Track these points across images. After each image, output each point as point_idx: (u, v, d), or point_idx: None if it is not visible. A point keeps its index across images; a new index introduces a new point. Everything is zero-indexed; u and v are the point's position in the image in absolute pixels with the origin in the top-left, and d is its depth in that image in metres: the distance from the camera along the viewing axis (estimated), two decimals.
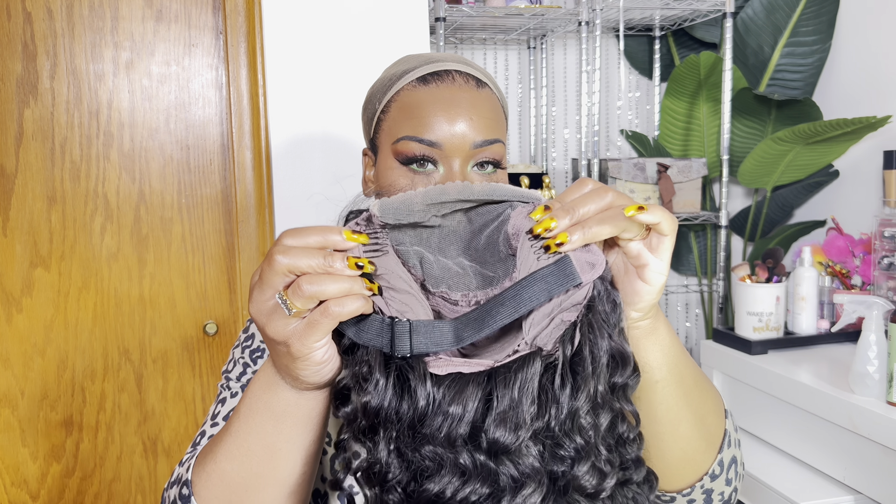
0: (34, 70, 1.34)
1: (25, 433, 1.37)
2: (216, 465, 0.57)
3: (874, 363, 1.32)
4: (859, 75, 2.03)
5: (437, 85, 0.71)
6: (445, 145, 0.69)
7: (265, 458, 0.56)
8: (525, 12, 1.95)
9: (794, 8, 2.11)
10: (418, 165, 0.70)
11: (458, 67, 0.73)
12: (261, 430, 0.55)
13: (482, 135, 0.70)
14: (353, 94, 1.43)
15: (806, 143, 2.00)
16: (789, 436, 1.52)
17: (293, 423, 0.55)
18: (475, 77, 0.73)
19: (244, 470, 0.56)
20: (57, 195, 1.36)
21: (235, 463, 0.56)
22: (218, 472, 0.57)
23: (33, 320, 1.36)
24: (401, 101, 0.72)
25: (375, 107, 0.75)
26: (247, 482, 0.56)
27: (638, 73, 2.42)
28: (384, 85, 0.75)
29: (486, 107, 0.72)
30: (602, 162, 2.09)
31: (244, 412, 0.56)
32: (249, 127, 1.41)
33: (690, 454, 0.65)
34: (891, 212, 1.64)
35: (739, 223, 2.35)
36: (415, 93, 0.71)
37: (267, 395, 0.55)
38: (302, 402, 0.54)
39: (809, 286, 1.66)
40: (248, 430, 0.56)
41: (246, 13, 1.38)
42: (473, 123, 0.70)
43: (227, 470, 0.57)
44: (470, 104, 0.70)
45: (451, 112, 0.69)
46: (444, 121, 0.69)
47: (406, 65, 0.74)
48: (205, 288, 1.47)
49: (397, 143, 0.71)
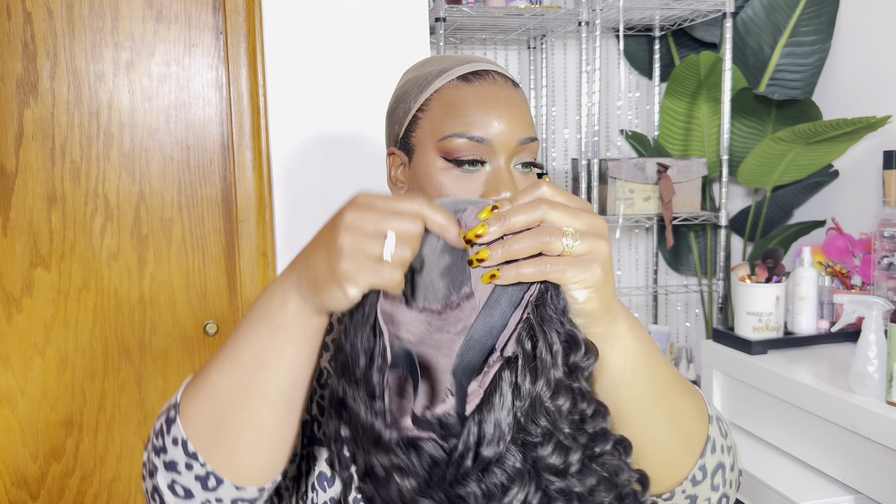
0: (34, 70, 1.34)
1: (25, 433, 1.37)
2: (206, 379, 0.59)
3: (874, 363, 1.32)
4: (859, 75, 2.03)
5: (481, 84, 0.73)
6: (494, 142, 0.71)
7: (255, 371, 0.56)
8: (525, 12, 1.95)
9: (794, 8, 2.11)
10: (470, 165, 0.71)
11: (496, 68, 0.75)
12: (256, 341, 0.57)
13: (525, 132, 0.72)
14: (354, 94, 1.43)
15: (806, 143, 2.00)
16: (789, 436, 1.52)
17: (288, 336, 0.56)
18: (510, 78, 0.76)
19: (233, 382, 0.57)
20: (57, 195, 1.36)
21: (225, 375, 0.57)
22: (207, 387, 0.58)
23: (33, 320, 1.36)
24: (443, 98, 0.73)
25: (410, 105, 0.75)
26: (233, 396, 0.57)
27: (638, 73, 2.42)
28: (419, 83, 0.76)
29: (524, 106, 0.74)
30: (602, 162, 2.09)
31: (243, 326, 0.58)
32: (249, 127, 1.41)
33: (665, 457, 0.66)
34: (891, 212, 1.64)
35: (739, 223, 2.35)
36: (458, 91, 0.72)
37: (272, 305, 0.56)
38: (304, 319, 0.56)
39: (809, 286, 1.66)
40: (244, 342, 0.57)
41: (246, 13, 1.38)
42: (517, 121, 0.72)
43: (216, 384, 0.58)
44: (512, 103, 0.73)
45: (499, 110, 0.71)
46: (492, 118, 0.71)
47: (439, 64, 0.76)
48: (205, 288, 1.47)
49: (444, 141, 0.71)
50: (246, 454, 0.58)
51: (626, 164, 2.06)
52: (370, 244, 0.52)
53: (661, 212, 2.11)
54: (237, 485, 0.59)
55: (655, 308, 2.47)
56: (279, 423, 0.59)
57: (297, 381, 0.58)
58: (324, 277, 0.53)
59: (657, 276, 2.47)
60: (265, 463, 0.59)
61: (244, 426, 0.58)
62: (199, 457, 0.58)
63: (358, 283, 0.52)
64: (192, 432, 0.59)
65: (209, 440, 0.58)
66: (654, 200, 2.11)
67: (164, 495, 0.60)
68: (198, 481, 0.59)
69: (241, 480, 0.59)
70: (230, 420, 0.58)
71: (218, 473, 0.58)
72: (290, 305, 0.56)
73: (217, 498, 0.59)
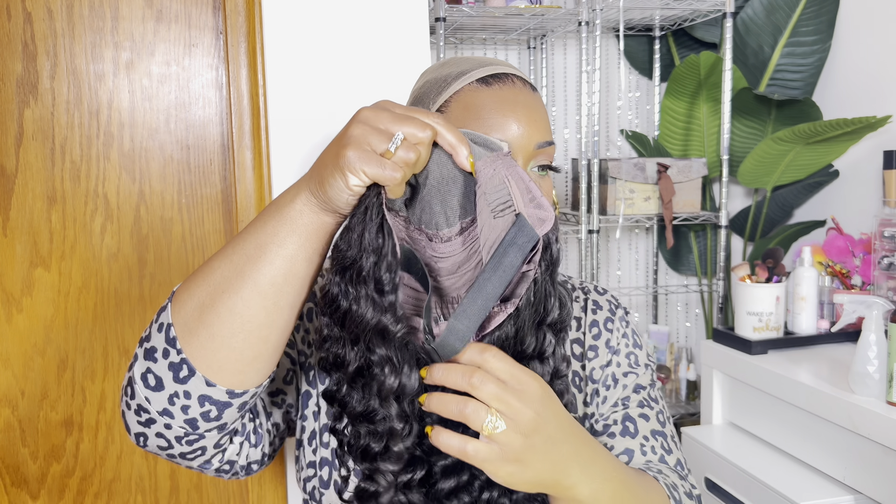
0: (34, 70, 1.34)
1: (25, 433, 1.37)
2: (207, 264, 0.61)
3: (874, 363, 1.32)
4: (859, 75, 2.03)
5: (500, 87, 0.73)
6: (513, 145, 0.72)
7: (253, 256, 0.59)
8: (525, 12, 1.95)
9: (794, 8, 2.11)
10: None
11: (515, 72, 0.76)
12: (262, 229, 0.59)
13: (543, 136, 0.74)
14: (354, 94, 1.43)
15: (806, 143, 2.00)
16: (789, 436, 1.52)
17: (292, 228, 0.58)
18: (529, 82, 0.77)
19: (229, 267, 0.59)
20: (57, 195, 1.36)
21: (224, 260, 0.60)
22: (205, 271, 0.61)
23: (33, 320, 1.36)
24: (463, 100, 0.73)
25: (429, 106, 0.76)
26: (226, 281, 0.59)
27: (638, 73, 2.42)
28: (438, 85, 0.76)
29: (543, 110, 0.75)
30: (602, 162, 2.09)
31: (254, 220, 0.61)
32: (249, 127, 1.41)
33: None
34: (891, 212, 1.64)
35: (739, 223, 2.35)
36: (478, 93, 0.73)
37: (283, 199, 0.59)
38: (310, 213, 0.58)
39: (809, 286, 1.66)
40: (251, 231, 0.60)
41: (246, 13, 1.38)
42: (536, 125, 0.73)
43: (215, 267, 0.60)
44: (531, 107, 0.74)
45: (518, 113, 0.72)
46: (512, 121, 0.72)
47: (459, 66, 0.77)
48: None
49: None
50: (224, 344, 0.59)
51: (626, 164, 2.06)
52: (377, 138, 0.55)
53: (661, 212, 2.11)
54: (208, 379, 0.59)
55: (655, 308, 2.47)
56: (264, 318, 0.59)
57: (291, 276, 0.59)
58: (329, 166, 0.56)
59: (657, 276, 2.47)
60: (242, 361, 0.60)
61: (229, 313, 0.59)
62: (177, 343, 0.59)
63: (358, 172, 0.54)
64: (177, 317, 0.60)
65: (192, 325, 0.59)
66: (654, 200, 2.11)
67: (135, 386, 0.61)
68: (171, 370, 0.59)
69: (212, 375, 0.59)
70: (217, 305, 0.59)
71: (191, 362, 0.59)
72: (300, 199, 0.58)
73: (185, 391, 0.60)
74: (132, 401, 0.61)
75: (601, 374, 0.83)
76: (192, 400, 0.60)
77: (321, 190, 0.57)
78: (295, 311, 0.62)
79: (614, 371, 0.83)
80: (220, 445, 0.66)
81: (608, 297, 0.88)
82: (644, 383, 0.84)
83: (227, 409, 0.62)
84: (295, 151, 1.42)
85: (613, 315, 0.86)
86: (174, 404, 0.60)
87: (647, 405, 0.82)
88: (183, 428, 0.61)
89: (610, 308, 0.87)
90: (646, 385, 0.84)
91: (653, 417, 0.81)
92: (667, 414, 0.84)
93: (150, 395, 0.60)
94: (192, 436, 0.62)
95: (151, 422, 0.61)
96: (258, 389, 0.64)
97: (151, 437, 0.63)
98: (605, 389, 0.83)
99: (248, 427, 0.70)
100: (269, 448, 0.75)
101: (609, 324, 0.85)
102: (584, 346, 0.84)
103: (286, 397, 0.77)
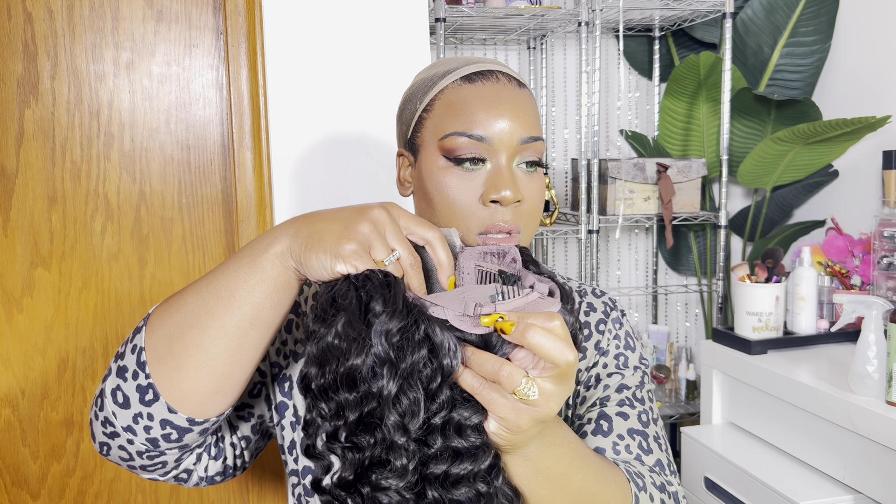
0: (35, 70, 1.34)
1: (26, 433, 1.37)
2: (180, 296, 0.63)
3: (873, 363, 1.32)
4: (859, 75, 2.03)
5: (483, 83, 0.73)
6: (494, 140, 0.71)
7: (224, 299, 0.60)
8: (525, 13, 1.95)
9: (793, 8, 2.12)
10: (471, 163, 0.71)
11: (500, 69, 0.75)
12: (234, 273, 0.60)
13: (527, 132, 0.72)
14: (354, 94, 1.43)
15: (805, 143, 2.00)
16: (789, 436, 1.52)
17: (262, 277, 0.60)
18: (516, 78, 0.76)
19: (201, 305, 0.61)
20: (57, 195, 1.36)
21: (196, 296, 0.61)
22: (178, 303, 0.62)
23: (34, 320, 1.36)
24: (446, 98, 0.73)
25: (416, 106, 0.76)
26: (196, 316, 0.61)
27: (637, 73, 2.42)
28: (425, 85, 0.77)
29: (529, 105, 0.74)
30: (602, 162, 2.09)
31: (231, 258, 0.62)
32: (250, 127, 1.41)
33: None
34: (890, 212, 1.64)
35: (739, 223, 2.35)
36: (460, 91, 0.73)
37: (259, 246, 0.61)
38: (280, 267, 0.60)
39: (809, 286, 1.66)
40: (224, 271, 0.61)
41: (246, 13, 1.38)
42: (519, 120, 0.72)
43: (187, 301, 0.62)
44: (515, 102, 0.72)
45: (499, 108, 0.71)
46: (492, 116, 0.71)
47: (446, 66, 0.77)
48: None
49: (445, 140, 0.72)
50: (188, 377, 0.61)
51: (625, 164, 2.06)
52: (379, 246, 0.58)
53: (660, 212, 2.11)
54: (170, 406, 0.62)
55: (655, 308, 2.47)
56: (228, 357, 0.61)
57: (257, 323, 0.61)
58: (324, 243, 0.57)
59: (657, 276, 2.47)
60: (203, 394, 0.62)
61: (196, 348, 0.60)
62: (146, 367, 0.61)
63: (349, 264, 0.57)
64: (149, 342, 0.62)
65: (162, 353, 0.61)
66: (653, 200, 2.11)
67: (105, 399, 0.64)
68: (138, 391, 0.62)
69: (175, 403, 0.62)
70: (186, 339, 0.61)
71: (157, 388, 0.61)
72: (274, 249, 0.60)
73: (149, 413, 0.62)
74: (101, 412, 0.64)
75: (585, 375, 0.82)
76: (155, 422, 0.62)
77: (304, 255, 0.58)
78: (260, 353, 0.64)
79: (599, 372, 0.82)
80: (180, 460, 0.68)
81: (605, 300, 0.87)
82: (630, 384, 0.82)
83: (188, 434, 0.64)
84: (295, 151, 1.42)
85: (607, 317, 0.85)
86: (138, 423, 0.62)
87: (627, 404, 0.79)
88: (144, 445, 0.64)
89: (604, 310, 0.86)
90: (631, 386, 0.81)
91: (633, 416, 0.78)
92: (653, 415, 0.81)
93: (116, 411, 0.63)
94: (153, 452, 0.65)
95: (116, 435, 0.64)
96: (219, 418, 0.65)
97: (114, 449, 0.65)
98: (585, 390, 0.82)
99: (208, 440, 0.71)
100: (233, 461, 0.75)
101: (601, 325, 0.85)
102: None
103: (253, 410, 0.78)
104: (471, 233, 0.71)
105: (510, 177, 0.71)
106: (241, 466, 0.77)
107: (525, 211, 0.72)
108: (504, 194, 0.69)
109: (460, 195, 0.71)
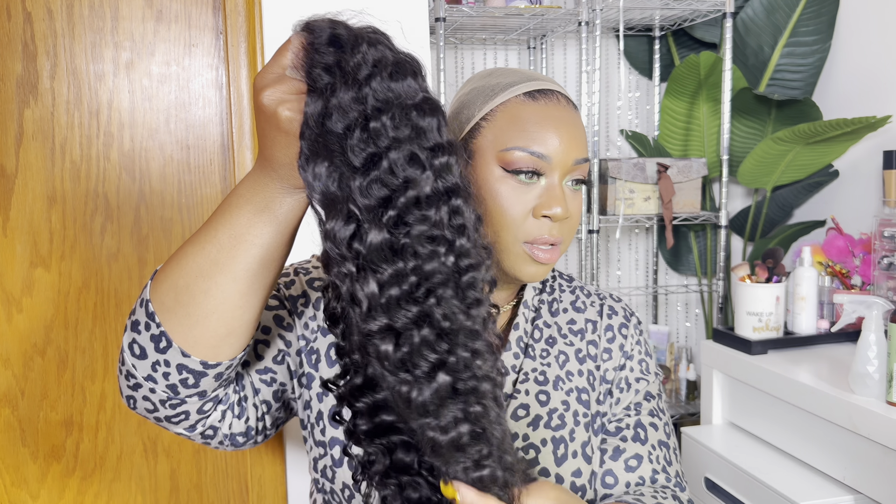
0: (34, 70, 1.34)
1: (25, 433, 1.37)
2: (182, 250, 0.63)
3: (874, 363, 1.32)
4: (859, 75, 2.03)
5: (546, 103, 0.79)
6: (553, 159, 0.77)
7: (227, 246, 0.60)
8: (525, 12, 1.95)
9: (794, 8, 2.11)
10: (527, 177, 0.78)
11: (560, 90, 0.82)
12: (235, 219, 0.60)
13: (581, 153, 0.79)
14: None
15: (806, 143, 2.00)
16: (789, 436, 1.52)
17: (269, 219, 0.59)
18: (571, 100, 0.82)
19: (204, 255, 0.61)
20: (57, 195, 1.36)
21: (198, 247, 0.62)
22: (179, 256, 0.63)
23: (33, 320, 1.36)
24: (509, 111, 0.79)
25: (474, 112, 0.81)
26: (202, 267, 0.61)
27: (638, 73, 2.42)
28: (485, 93, 0.81)
29: (582, 129, 0.81)
30: (602, 162, 2.09)
31: (224, 205, 0.62)
32: (249, 127, 1.41)
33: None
34: (890, 212, 1.64)
35: (739, 223, 2.35)
36: (524, 107, 0.79)
37: (252, 188, 0.60)
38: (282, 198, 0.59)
39: (809, 286, 1.66)
40: (223, 219, 0.61)
41: (246, 13, 1.38)
42: (575, 142, 0.79)
43: (189, 252, 0.62)
44: (572, 124, 0.79)
45: (561, 130, 0.78)
46: (555, 137, 0.77)
47: (507, 78, 0.82)
48: None
49: (506, 152, 0.77)
50: (199, 322, 0.63)
51: (626, 164, 2.06)
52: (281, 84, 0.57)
53: (661, 212, 2.11)
54: (184, 351, 0.64)
55: (655, 308, 2.47)
56: (238, 300, 0.62)
57: (267, 262, 0.62)
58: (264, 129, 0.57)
59: (657, 276, 2.47)
60: (215, 337, 0.64)
61: (204, 295, 0.62)
62: (155, 317, 0.63)
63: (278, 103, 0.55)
64: (155, 295, 0.63)
65: (169, 304, 0.63)
66: (654, 200, 2.11)
67: (125, 353, 0.66)
68: (152, 341, 0.64)
69: (188, 348, 0.64)
70: (192, 288, 0.62)
71: (169, 335, 0.63)
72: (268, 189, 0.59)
73: (165, 360, 0.64)
74: (123, 367, 0.67)
75: (614, 375, 0.89)
76: (172, 368, 0.64)
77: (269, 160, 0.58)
78: (269, 290, 0.65)
79: (627, 375, 0.89)
80: (203, 412, 0.71)
81: (623, 306, 0.94)
82: (654, 392, 0.90)
83: (203, 378, 0.66)
84: None
85: (628, 322, 0.92)
86: (156, 371, 0.65)
87: (656, 415, 0.89)
88: (165, 392, 0.66)
89: (625, 315, 0.93)
90: (655, 395, 0.90)
91: (661, 428, 0.88)
92: (671, 427, 0.90)
93: (135, 363, 0.65)
94: (175, 400, 0.67)
95: (138, 386, 0.66)
96: (232, 362, 0.67)
97: (139, 400, 0.68)
98: (618, 391, 0.88)
99: (231, 398, 0.74)
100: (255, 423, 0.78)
101: (623, 329, 0.91)
102: (598, 348, 0.89)
103: (276, 376, 0.80)
104: (518, 241, 0.78)
105: (562, 195, 0.78)
106: (263, 431, 0.79)
107: (569, 225, 0.81)
108: (556, 211, 0.77)
109: (514, 205, 0.77)
